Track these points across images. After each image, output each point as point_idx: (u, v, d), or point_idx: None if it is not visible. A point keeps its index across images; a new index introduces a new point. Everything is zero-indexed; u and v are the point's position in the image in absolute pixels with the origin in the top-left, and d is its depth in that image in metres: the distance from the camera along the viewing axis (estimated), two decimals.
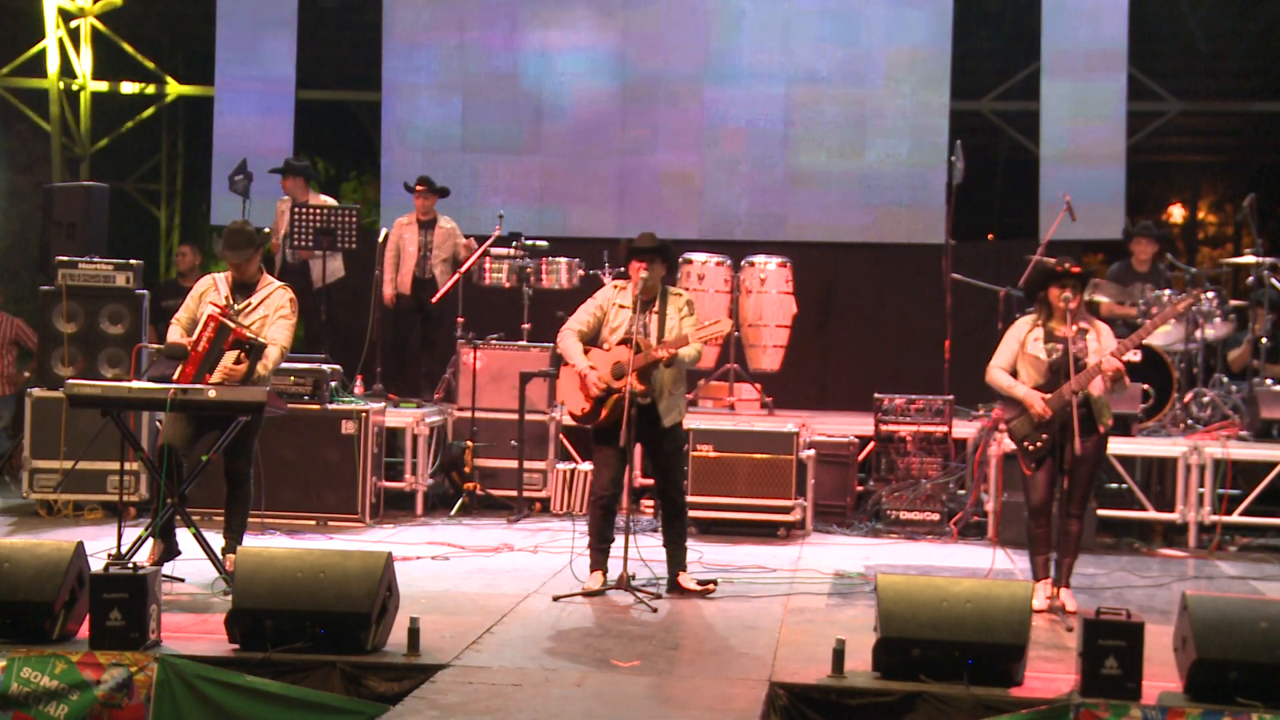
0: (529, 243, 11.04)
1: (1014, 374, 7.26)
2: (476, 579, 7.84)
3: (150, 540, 7.19)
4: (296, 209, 10.85)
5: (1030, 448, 7.16)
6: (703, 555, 8.58)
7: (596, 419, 7.40)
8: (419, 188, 11.14)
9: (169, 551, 7.34)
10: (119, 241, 11.13)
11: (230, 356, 7.20)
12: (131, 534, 7.31)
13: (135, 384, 7.50)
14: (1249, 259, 10.32)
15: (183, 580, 7.34)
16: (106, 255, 9.92)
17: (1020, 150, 14.02)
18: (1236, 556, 9.33)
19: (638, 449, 7.73)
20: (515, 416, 10.14)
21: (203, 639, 6.15)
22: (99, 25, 14.60)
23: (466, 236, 11.25)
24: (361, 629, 5.91)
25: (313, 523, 9.40)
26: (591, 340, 7.55)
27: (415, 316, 11.39)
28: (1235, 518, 9.59)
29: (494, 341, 10.58)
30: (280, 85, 13.40)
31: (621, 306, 7.49)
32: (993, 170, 15.27)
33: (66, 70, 14.52)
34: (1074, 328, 7.11)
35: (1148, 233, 10.81)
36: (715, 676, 5.88)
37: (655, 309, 7.47)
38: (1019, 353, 7.25)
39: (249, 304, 7.50)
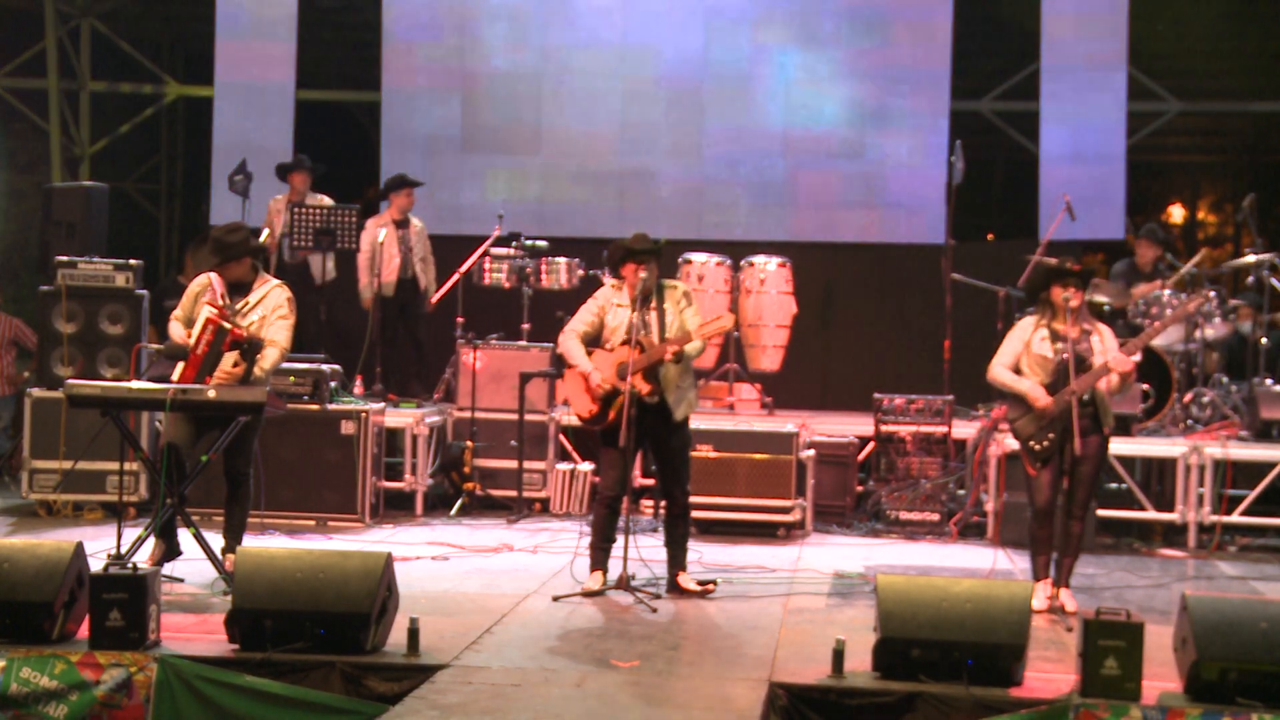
0: (529, 243, 11.02)
1: (1017, 372, 7.26)
2: (476, 579, 7.84)
3: (150, 540, 7.18)
4: (296, 209, 10.84)
5: (1036, 447, 7.15)
6: (702, 555, 8.57)
7: (604, 421, 7.37)
8: (407, 188, 11.12)
9: (170, 551, 7.32)
10: (119, 241, 11.13)
11: (229, 359, 7.17)
12: (131, 534, 7.30)
13: (135, 384, 7.49)
14: (1249, 259, 10.33)
15: (182, 580, 7.34)
16: (106, 255, 9.91)
17: (1020, 150, 14.02)
18: (1236, 557, 9.33)
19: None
20: (515, 416, 10.14)
21: (202, 639, 6.14)
22: (99, 25, 14.60)
23: (464, 237, 11.26)
24: (361, 629, 5.91)
25: (312, 523, 9.40)
26: (593, 341, 7.52)
27: (399, 317, 11.29)
28: (1235, 518, 9.59)
29: (494, 341, 10.57)
30: (280, 85, 13.38)
31: (619, 306, 7.47)
32: (993, 170, 15.30)
33: (66, 70, 14.51)
34: (1078, 328, 7.13)
35: (1152, 236, 10.81)
36: (715, 676, 5.87)
37: (654, 305, 7.45)
38: (1024, 353, 7.23)
39: (246, 303, 7.45)
